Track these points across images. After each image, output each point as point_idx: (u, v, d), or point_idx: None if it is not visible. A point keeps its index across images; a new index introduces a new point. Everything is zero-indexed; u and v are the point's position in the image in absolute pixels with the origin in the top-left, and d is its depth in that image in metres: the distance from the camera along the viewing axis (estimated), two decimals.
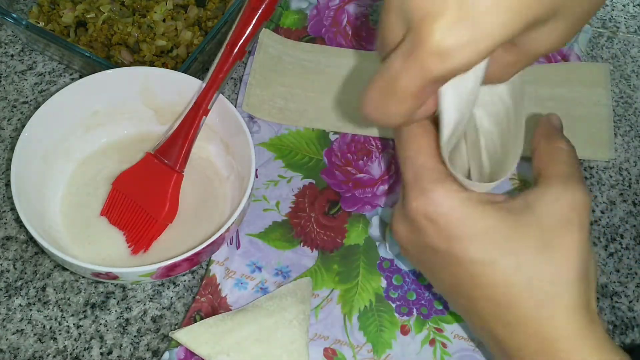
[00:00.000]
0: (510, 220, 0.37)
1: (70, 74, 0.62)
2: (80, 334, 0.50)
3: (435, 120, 0.38)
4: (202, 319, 0.49)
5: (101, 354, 0.49)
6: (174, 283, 0.52)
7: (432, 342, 0.50)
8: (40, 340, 0.49)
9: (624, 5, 0.71)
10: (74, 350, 0.49)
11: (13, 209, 0.54)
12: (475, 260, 0.37)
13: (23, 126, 0.49)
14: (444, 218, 0.37)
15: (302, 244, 0.54)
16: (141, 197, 0.52)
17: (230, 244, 0.53)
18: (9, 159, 0.56)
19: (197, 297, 0.51)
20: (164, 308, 0.51)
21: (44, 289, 0.51)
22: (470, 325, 0.42)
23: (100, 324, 0.50)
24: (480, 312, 0.39)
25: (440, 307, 0.52)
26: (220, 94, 0.51)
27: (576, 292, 0.36)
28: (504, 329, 0.38)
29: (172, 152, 0.52)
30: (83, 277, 0.52)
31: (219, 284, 0.51)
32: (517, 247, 0.37)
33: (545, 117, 0.44)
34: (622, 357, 0.37)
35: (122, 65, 0.58)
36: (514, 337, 0.38)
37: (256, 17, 0.49)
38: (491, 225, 0.37)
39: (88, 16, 0.61)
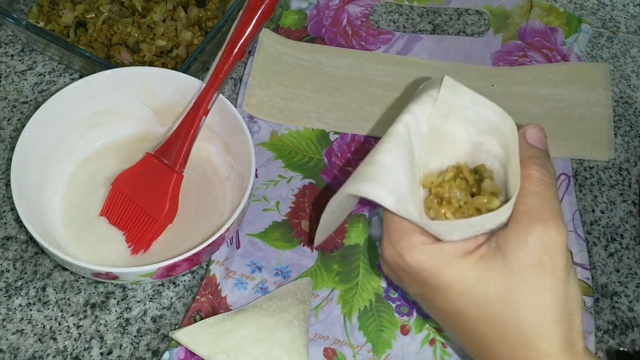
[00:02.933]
0: (479, 269, 0.36)
1: (70, 74, 0.62)
2: (80, 334, 0.50)
3: None
4: (202, 319, 0.49)
5: (101, 354, 0.49)
6: (174, 283, 0.52)
7: (432, 342, 0.50)
8: (40, 340, 0.49)
9: (624, 5, 0.71)
10: (74, 350, 0.49)
11: (13, 209, 0.54)
12: (445, 309, 0.38)
13: (23, 126, 0.49)
14: (412, 269, 0.37)
15: (302, 244, 0.54)
16: (141, 197, 0.52)
17: (230, 244, 0.53)
18: (9, 159, 0.56)
19: (197, 297, 0.51)
20: (164, 308, 0.51)
21: (44, 289, 0.51)
22: None
23: (100, 324, 0.50)
24: (466, 348, 0.40)
25: None
26: (220, 94, 0.51)
27: (552, 338, 0.35)
28: None
29: (172, 152, 0.52)
30: (83, 277, 0.52)
31: (219, 284, 0.51)
32: (484, 298, 0.36)
33: (521, 130, 0.38)
34: None
35: (122, 65, 0.58)
36: None
37: (256, 17, 0.49)
38: (458, 276, 0.36)
39: (88, 16, 0.61)
